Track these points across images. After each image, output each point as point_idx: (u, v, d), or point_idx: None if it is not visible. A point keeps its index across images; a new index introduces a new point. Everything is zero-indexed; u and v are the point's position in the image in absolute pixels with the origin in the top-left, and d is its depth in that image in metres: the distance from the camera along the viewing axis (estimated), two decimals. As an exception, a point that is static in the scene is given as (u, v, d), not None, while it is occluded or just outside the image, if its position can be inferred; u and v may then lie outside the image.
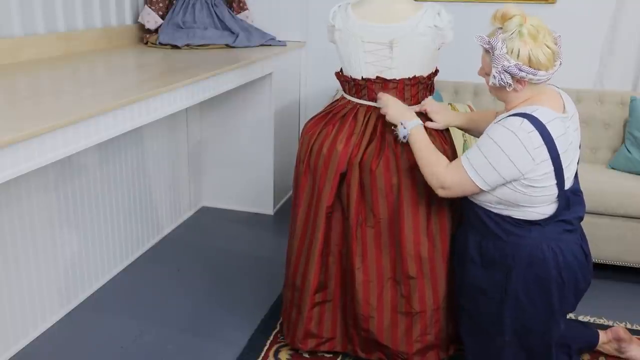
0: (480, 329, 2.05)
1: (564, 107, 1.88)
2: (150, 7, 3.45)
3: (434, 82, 2.25)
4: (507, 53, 1.77)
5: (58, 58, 2.79)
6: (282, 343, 2.42)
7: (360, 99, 2.18)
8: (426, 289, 2.14)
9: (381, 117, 2.13)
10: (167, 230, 3.45)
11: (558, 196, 1.85)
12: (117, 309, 2.67)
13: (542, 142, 1.76)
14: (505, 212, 1.90)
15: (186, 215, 3.68)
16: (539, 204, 1.86)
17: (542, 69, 1.78)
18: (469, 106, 3.33)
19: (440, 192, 1.94)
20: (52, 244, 2.51)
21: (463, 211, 2.08)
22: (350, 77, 2.18)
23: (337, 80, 2.29)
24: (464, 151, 3.08)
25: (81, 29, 3.02)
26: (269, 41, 3.61)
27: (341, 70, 2.25)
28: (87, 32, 3.05)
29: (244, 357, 2.34)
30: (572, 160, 1.88)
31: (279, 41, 3.66)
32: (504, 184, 1.84)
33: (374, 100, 2.15)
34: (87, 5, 3.05)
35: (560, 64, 1.82)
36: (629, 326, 2.59)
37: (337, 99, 2.29)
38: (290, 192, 3.53)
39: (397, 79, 2.10)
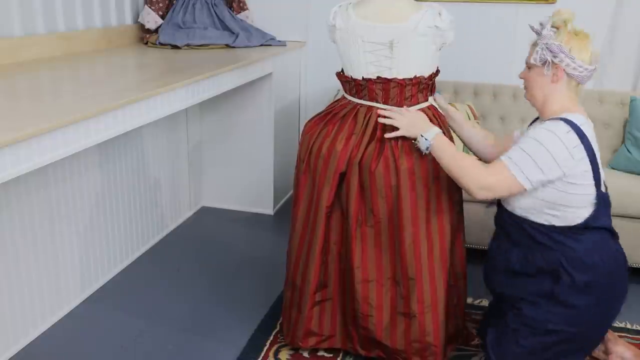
0: (514, 336, 2.06)
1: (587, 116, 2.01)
2: (150, 7, 3.45)
3: (435, 82, 2.25)
4: (553, 37, 1.92)
5: (58, 58, 2.79)
6: (282, 343, 2.42)
7: (360, 99, 2.18)
8: (425, 290, 2.14)
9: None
10: (167, 230, 3.45)
11: (596, 197, 1.93)
12: (117, 308, 2.67)
13: (579, 141, 1.87)
14: (549, 222, 1.97)
15: (186, 215, 3.68)
16: (578, 204, 1.93)
17: (580, 59, 1.91)
18: (469, 106, 3.33)
19: (481, 194, 1.95)
20: (52, 243, 2.51)
21: (503, 229, 2.12)
22: (351, 77, 2.18)
23: (338, 80, 2.29)
24: (464, 152, 3.09)
25: (81, 29, 3.02)
26: (269, 41, 3.61)
27: (342, 70, 2.26)
28: (87, 32, 3.05)
29: (244, 357, 2.35)
30: (600, 164, 1.97)
31: (279, 41, 3.66)
32: (546, 185, 1.91)
33: (375, 100, 2.15)
34: (87, 5, 3.05)
35: (596, 68, 1.97)
36: (629, 326, 2.60)
37: (338, 99, 2.29)
38: (291, 192, 3.53)
39: (399, 78, 2.10)
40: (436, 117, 2.19)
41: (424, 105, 2.18)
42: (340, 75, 2.25)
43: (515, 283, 2.07)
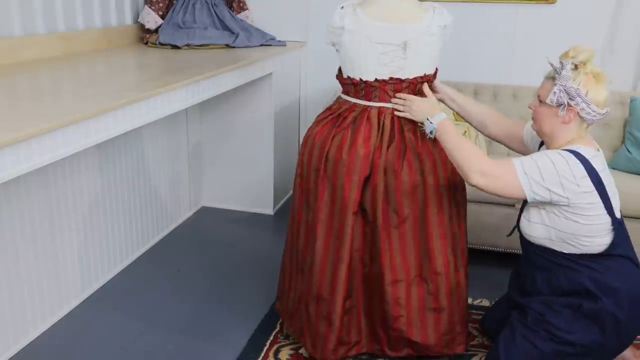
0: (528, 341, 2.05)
1: (598, 147, 2.02)
2: (150, 7, 3.45)
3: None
4: (571, 78, 1.89)
5: (58, 58, 2.79)
6: (282, 343, 2.42)
7: (369, 101, 2.16)
8: (452, 284, 2.19)
9: (396, 118, 2.13)
10: (167, 230, 3.45)
11: (612, 224, 1.94)
12: (117, 309, 2.67)
13: (586, 174, 1.89)
14: (569, 250, 1.98)
15: (186, 215, 3.68)
16: (595, 234, 1.94)
17: (595, 104, 1.90)
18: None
19: (476, 178, 1.92)
20: (52, 243, 2.51)
21: (526, 254, 2.15)
22: (360, 79, 2.14)
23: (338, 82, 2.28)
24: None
25: (81, 29, 3.02)
26: (269, 41, 3.61)
27: (340, 72, 2.23)
28: (87, 32, 3.05)
29: (244, 357, 2.35)
30: (614, 192, 1.99)
31: (279, 41, 3.66)
32: (546, 206, 1.94)
33: (385, 101, 2.14)
34: (87, 5, 3.05)
35: (607, 112, 1.95)
36: (629, 326, 2.59)
37: (340, 102, 2.24)
38: (291, 192, 3.52)
39: (410, 78, 2.12)
40: None
41: None
42: (344, 78, 2.20)
43: (544, 299, 2.07)
